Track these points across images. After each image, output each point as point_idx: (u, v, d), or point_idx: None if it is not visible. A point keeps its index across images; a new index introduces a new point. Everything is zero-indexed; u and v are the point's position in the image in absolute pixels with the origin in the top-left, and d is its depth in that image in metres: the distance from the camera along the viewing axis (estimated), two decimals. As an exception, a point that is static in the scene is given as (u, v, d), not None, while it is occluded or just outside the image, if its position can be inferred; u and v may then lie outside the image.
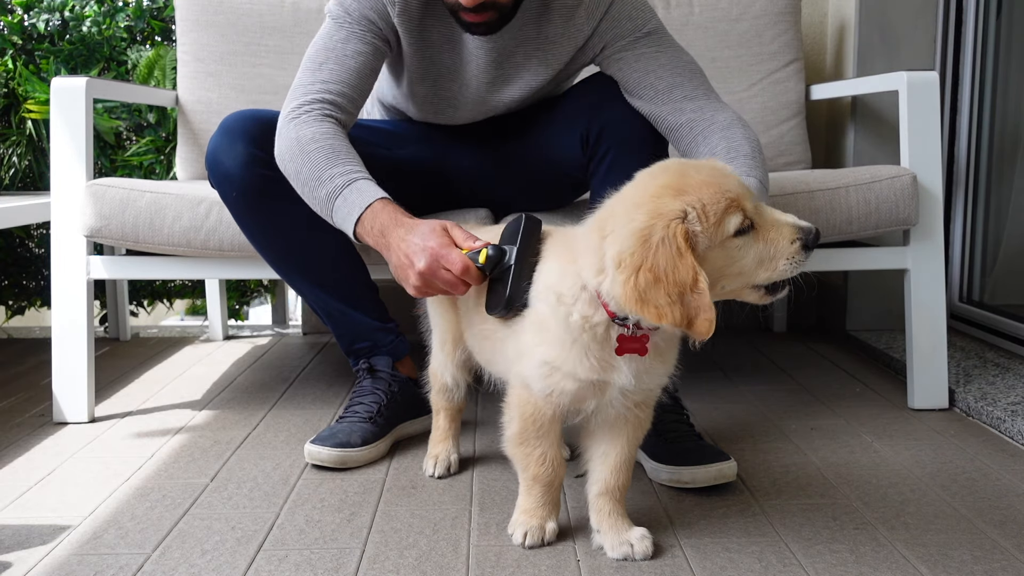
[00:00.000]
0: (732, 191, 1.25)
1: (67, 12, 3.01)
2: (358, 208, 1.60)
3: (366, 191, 1.61)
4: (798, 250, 1.27)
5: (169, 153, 3.00)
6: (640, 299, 1.21)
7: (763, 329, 3.13)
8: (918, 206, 2.13)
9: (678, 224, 1.21)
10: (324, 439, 1.84)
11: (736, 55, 2.70)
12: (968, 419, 2.13)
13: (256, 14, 2.65)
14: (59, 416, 2.15)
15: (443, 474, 1.79)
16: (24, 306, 3.23)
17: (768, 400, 2.29)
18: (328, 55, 1.76)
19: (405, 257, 1.54)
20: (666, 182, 1.26)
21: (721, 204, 1.24)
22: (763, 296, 1.32)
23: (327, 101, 1.73)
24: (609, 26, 1.79)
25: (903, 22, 2.77)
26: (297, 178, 1.69)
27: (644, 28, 1.79)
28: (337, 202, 1.62)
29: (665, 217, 1.22)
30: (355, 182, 1.63)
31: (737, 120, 1.74)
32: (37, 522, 1.61)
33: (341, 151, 1.66)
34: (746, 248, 1.27)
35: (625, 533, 1.45)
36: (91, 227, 2.06)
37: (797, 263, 1.28)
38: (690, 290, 1.20)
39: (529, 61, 1.83)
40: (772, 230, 1.27)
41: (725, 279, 1.28)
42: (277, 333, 3.18)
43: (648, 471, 1.78)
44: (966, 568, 1.41)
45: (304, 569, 1.42)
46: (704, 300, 1.20)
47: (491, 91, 1.89)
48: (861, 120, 2.81)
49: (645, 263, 1.21)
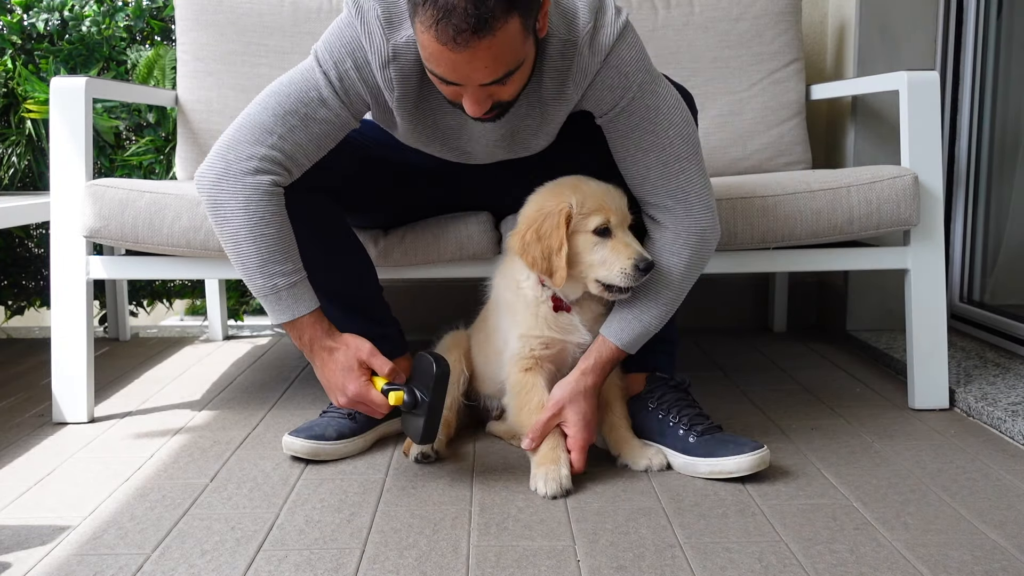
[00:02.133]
0: (608, 204, 1.72)
1: (66, 12, 3.01)
2: (290, 314, 1.73)
3: (300, 300, 1.73)
4: (632, 267, 1.70)
5: (169, 153, 3.00)
6: (523, 250, 1.73)
7: (763, 329, 3.13)
8: (919, 206, 2.12)
9: (565, 208, 1.72)
10: (300, 431, 1.90)
11: (736, 55, 2.70)
12: (968, 419, 2.13)
13: (256, 14, 2.65)
14: (59, 416, 2.14)
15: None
16: (24, 306, 3.23)
17: (768, 400, 2.28)
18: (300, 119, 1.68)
19: (328, 384, 1.77)
20: (569, 184, 1.76)
21: (594, 206, 1.72)
22: (602, 291, 1.76)
23: (283, 166, 1.69)
24: (593, 94, 1.70)
25: (903, 22, 2.76)
26: (238, 254, 1.70)
27: (624, 98, 1.68)
28: (270, 298, 1.72)
29: (559, 203, 1.73)
30: (294, 286, 1.72)
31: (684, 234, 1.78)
32: (37, 522, 1.60)
33: (287, 245, 1.72)
34: (598, 247, 1.73)
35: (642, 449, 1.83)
36: (91, 227, 2.05)
37: (627, 276, 1.71)
38: (555, 252, 1.71)
39: (531, 120, 1.76)
40: (621, 246, 1.72)
41: (580, 265, 1.74)
42: (277, 333, 3.18)
43: (679, 467, 1.80)
44: (966, 568, 1.41)
45: (304, 569, 1.42)
46: (561, 263, 1.70)
47: (502, 147, 1.83)
48: (861, 120, 2.81)
49: (533, 226, 1.73)
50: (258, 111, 1.70)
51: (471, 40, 1.45)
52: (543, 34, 1.60)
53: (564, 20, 1.64)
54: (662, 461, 1.80)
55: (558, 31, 1.64)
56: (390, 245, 2.08)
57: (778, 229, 2.08)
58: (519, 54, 1.53)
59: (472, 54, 1.47)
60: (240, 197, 1.67)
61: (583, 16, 1.64)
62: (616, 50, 1.65)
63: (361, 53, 1.64)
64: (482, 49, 1.46)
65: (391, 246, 2.08)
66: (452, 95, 1.59)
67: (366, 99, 1.70)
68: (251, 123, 1.70)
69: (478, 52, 1.47)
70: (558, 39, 1.64)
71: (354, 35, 1.64)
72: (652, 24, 2.69)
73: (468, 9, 1.43)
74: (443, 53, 1.48)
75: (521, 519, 1.60)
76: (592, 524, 1.57)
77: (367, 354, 1.74)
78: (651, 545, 1.49)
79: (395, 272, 2.13)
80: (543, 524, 1.58)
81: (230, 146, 1.70)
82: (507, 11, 1.45)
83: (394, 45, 1.63)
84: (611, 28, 1.64)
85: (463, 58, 1.48)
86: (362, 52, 1.64)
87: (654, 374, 1.90)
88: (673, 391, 1.89)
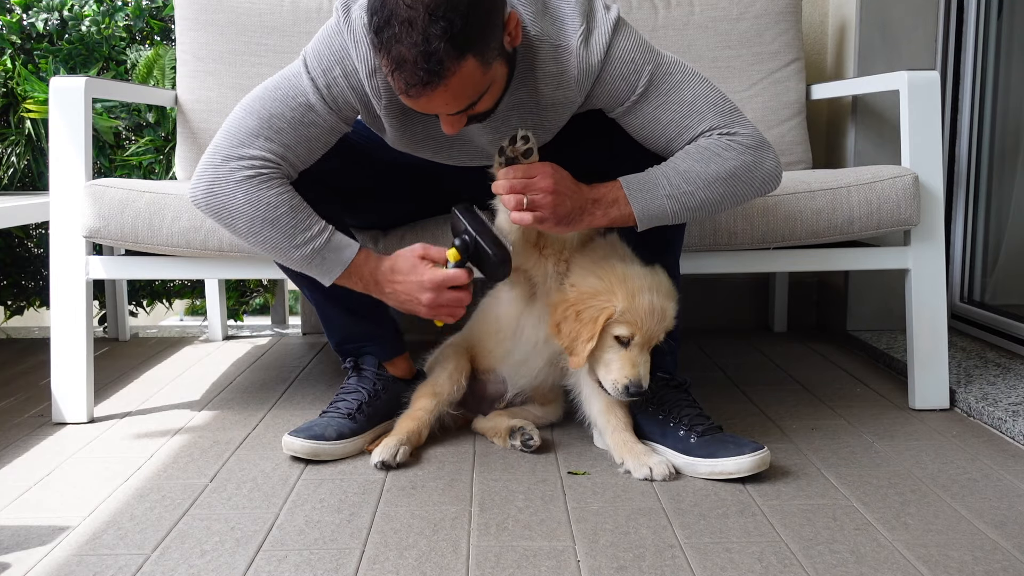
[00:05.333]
0: (643, 324, 1.74)
1: (66, 11, 3.01)
2: (340, 267, 1.75)
3: (342, 248, 1.75)
4: (622, 386, 1.74)
5: (168, 153, 3.00)
6: (561, 316, 1.77)
7: (763, 329, 3.12)
8: (919, 206, 2.12)
9: (610, 311, 1.73)
10: (300, 431, 1.89)
11: (737, 55, 2.70)
12: (969, 419, 2.13)
13: (256, 13, 2.65)
14: (58, 416, 2.14)
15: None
16: (23, 306, 3.23)
17: (768, 400, 2.28)
18: (287, 123, 1.69)
19: (407, 296, 1.75)
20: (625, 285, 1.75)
21: (631, 319, 1.73)
22: (597, 383, 1.80)
23: (273, 162, 1.70)
24: (603, 90, 1.70)
25: (904, 21, 2.76)
26: (262, 242, 1.72)
27: (640, 85, 1.68)
28: (314, 263, 1.74)
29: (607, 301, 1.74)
30: (329, 241, 1.74)
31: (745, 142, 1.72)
32: (36, 523, 1.60)
33: (304, 213, 1.73)
34: (611, 349, 1.76)
35: (644, 457, 1.80)
36: (90, 227, 2.05)
37: (615, 390, 1.76)
38: (584, 340, 1.74)
39: (526, 124, 1.75)
40: (628, 362, 1.74)
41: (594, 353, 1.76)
42: (276, 333, 3.18)
43: (679, 467, 1.80)
44: (966, 569, 1.41)
45: (304, 569, 1.42)
46: (585, 351, 1.73)
47: (494, 150, 1.81)
48: (862, 120, 2.80)
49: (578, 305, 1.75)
50: (244, 115, 1.71)
51: (423, 91, 1.50)
52: (516, 43, 1.60)
53: (554, 25, 1.65)
54: (664, 471, 1.76)
55: (548, 36, 1.65)
56: (389, 245, 2.08)
57: (778, 229, 2.08)
58: (480, 86, 1.55)
59: (428, 100, 1.52)
60: (239, 193, 1.68)
61: (573, 20, 1.65)
62: (615, 43, 1.66)
63: (349, 61, 1.66)
64: (437, 95, 1.51)
65: (391, 246, 2.08)
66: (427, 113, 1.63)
67: (355, 106, 1.71)
68: (237, 127, 1.71)
69: (434, 98, 1.52)
70: (549, 44, 1.65)
71: (342, 43, 1.65)
72: (652, 24, 2.69)
73: (418, 62, 1.46)
74: (403, 96, 1.54)
75: (521, 519, 1.60)
76: (592, 524, 1.57)
77: (421, 250, 1.75)
78: (651, 545, 1.49)
79: (395, 272, 2.12)
80: (543, 524, 1.58)
81: (217, 151, 1.71)
82: (458, 57, 1.47)
83: None
84: (604, 26, 1.66)
85: (420, 103, 1.54)
86: (350, 60, 1.65)
87: (655, 374, 1.90)
88: (674, 391, 1.88)
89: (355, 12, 1.64)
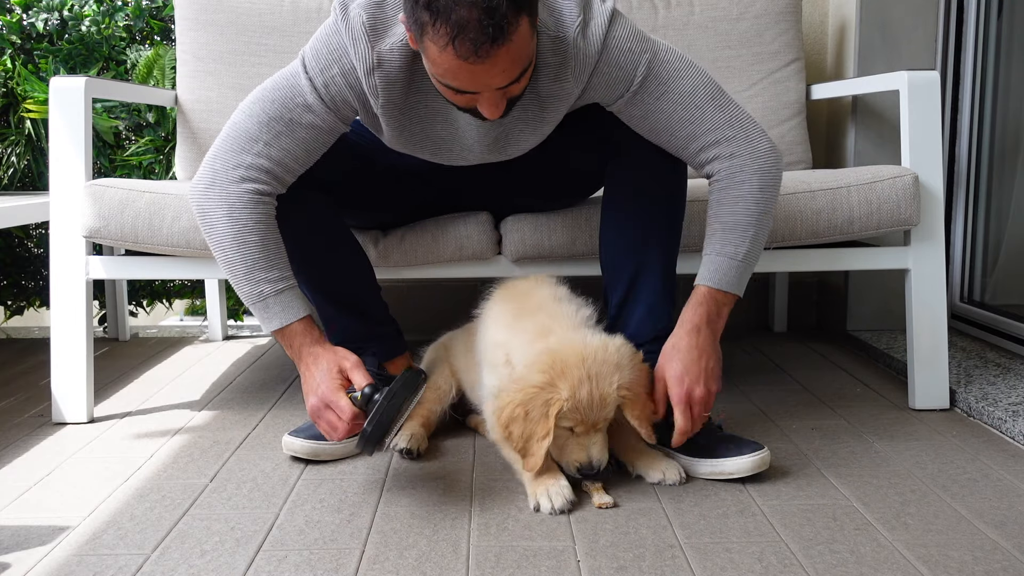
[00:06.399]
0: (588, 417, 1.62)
1: (66, 11, 3.01)
2: (279, 321, 1.72)
3: (289, 307, 1.72)
4: (574, 468, 1.67)
5: (168, 153, 3.00)
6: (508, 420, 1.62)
7: (763, 329, 3.12)
8: (919, 206, 2.12)
9: (558, 402, 1.60)
10: (300, 431, 1.89)
11: (737, 55, 2.70)
12: (969, 419, 2.13)
13: (256, 13, 2.65)
14: (58, 416, 2.14)
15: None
16: (23, 306, 3.23)
17: (768, 400, 2.28)
18: (286, 125, 1.69)
19: (306, 388, 1.71)
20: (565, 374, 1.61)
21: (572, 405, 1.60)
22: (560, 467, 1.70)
23: (270, 173, 1.70)
24: (600, 81, 1.70)
25: (904, 21, 2.76)
26: (225, 261, 1.71)
27: (638, 74, 1.69)
28: (258, 305, 1.72)
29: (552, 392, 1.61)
30: (281, 293, 1.71)
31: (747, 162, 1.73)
32: (36, 523, 1.60)
33: (273, 253, 1.72)
34: (561, 437, 1.66)
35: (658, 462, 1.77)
36: (90, 227, 2.05)
37: (571, 470, 1.67)
38: (538, 439, 1.61)
39: (526, 118, 1.76)
40: (578, 447, 1.66)
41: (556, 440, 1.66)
42: (277, 333, 3.18)
43: (682, 466, 1.79)
44: (966, 569, 1.41)
45: (304, 570, 1.42)
46: (541, 451, 1.61)
47: (494, 150, 1.83)
48: (862, 120, 2.80)
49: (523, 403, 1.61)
50: (243, 118, 1.71)
51: (492, 50, 1.46)
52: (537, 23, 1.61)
53: (552, 16, 1.66)
54: (675, 476, 1.74)
55: (547, 27, 1.65)
56: (389, 245, 2.08)
57: (778, 229, 2.08)
58: (531, 52, 1.55)
59: (493, 63, 1.48)
60: (224, 205, 1.69)
61: (571, 11, 1.65)
62: (611, 34, 1.67)
63: (347, 60, 1.65)
64: (501, 56, 1.47)
65: (390, 246, 2.08)
66: (465, 103, 1.59)
67: (353, 105, 1.71)
68: (236, 131, 1.71)
69: (498, 60, 1.48)
70: (547, 35, 1.65)
71: (340, 42, 1.65)
72: (652, 24, 2.69)
73: (482, 20, 1.43)
74: (462, 67, 1.48)
75: (521, 519, 1.60)
76: (592, 524, 1.57)
77: (351, 364, 1.68)
78: (651, 545, 1.49)
79: (394, 272, 2.13)
80: (543, 524, 1.58)
81: (217, 155, 1.72)
82: (517, 13, 1.46)
83: (378, 52, 1.63)
84: (601, 16, 1.66)
85: (483, 68, 1.49)
86: (348, 59, 1.65)
87: (655, 374, 1.90)
88: None
89: (353, 11, 1.64)
